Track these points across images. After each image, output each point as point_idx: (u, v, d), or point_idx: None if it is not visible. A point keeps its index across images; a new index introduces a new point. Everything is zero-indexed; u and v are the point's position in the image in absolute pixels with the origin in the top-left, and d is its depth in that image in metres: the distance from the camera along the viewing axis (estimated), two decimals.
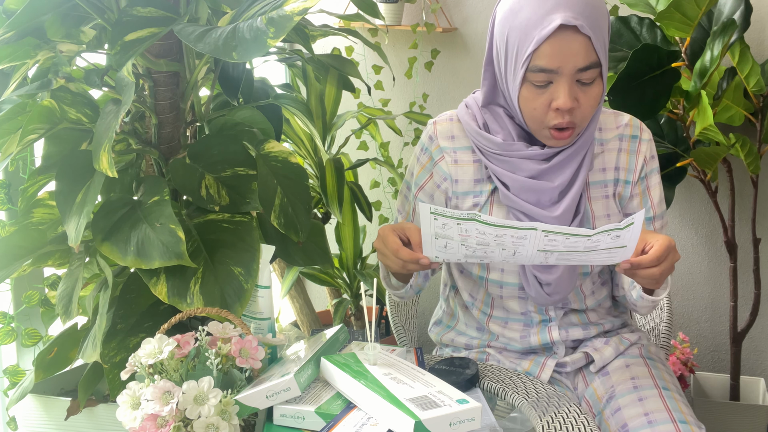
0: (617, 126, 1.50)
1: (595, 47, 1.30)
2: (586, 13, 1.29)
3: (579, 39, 1.29)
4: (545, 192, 1.41)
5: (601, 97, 1.36)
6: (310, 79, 2.09)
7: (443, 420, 1.02)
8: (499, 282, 1.47)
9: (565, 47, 1.30)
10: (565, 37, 1.29)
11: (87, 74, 1.41)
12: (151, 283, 1.31)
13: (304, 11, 1.19)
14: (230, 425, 1.05)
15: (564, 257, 1.24)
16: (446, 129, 1.49)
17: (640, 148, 1.49)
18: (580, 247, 1.20)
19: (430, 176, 1.50)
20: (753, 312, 2.34)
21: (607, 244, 1.20)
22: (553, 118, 1.35)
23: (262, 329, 1.31)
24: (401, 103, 2.75)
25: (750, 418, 2.31)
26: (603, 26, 1.33)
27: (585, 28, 1.29)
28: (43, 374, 1.44)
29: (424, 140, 1.52)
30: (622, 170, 1.49)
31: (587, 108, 1.35)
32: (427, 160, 1.50)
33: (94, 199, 1.28)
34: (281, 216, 1.42)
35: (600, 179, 1.48)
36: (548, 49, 1.30)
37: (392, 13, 2.59)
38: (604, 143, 1.49)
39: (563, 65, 1.30)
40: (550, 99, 1.33)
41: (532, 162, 1.41)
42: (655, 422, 1.34)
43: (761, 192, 2.42)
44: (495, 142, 1.42)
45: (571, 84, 1.32)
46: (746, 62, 2.18)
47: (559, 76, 1.32)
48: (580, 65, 1.31)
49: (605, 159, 1.48)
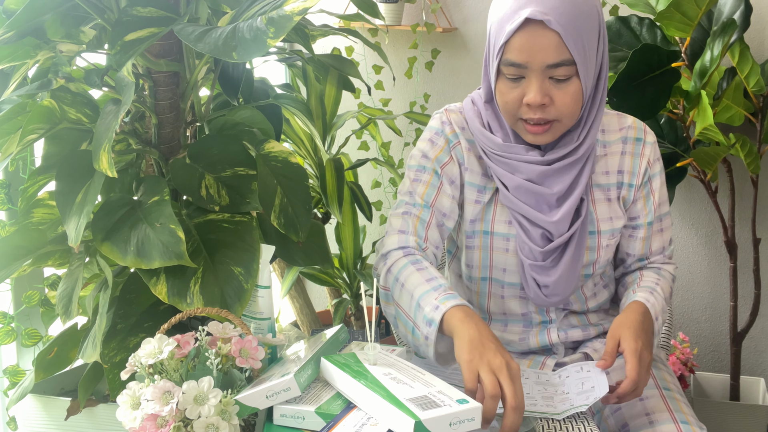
0: (620, 128, 1.49)
1: (567, 44, 1.28)
2: (560, 9, 1.27)
3: (547, 34, 1.28)
4: (543, 196, 1.40)
5: (578, 95, 1.33)
6: (310, 79, 2.09)
7: (443, 420, 1.02)
8: (501, 281, 1.47)
9: (532, 42, 1.29)
10: (533, 31, 1.28)
11: (87, 74, 1.41)
12: (151, 283, 1.31)
13: (304, 11, 1.19)
14: (230, 425, 1.05)
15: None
16: (458, 119, 1.48)
17: (644, 152, 1.48)
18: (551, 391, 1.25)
19: (450, 158, 1.46)
20: (753, 312, 2.34)
21: (578, 388, 1.25)
22: (525, 113, 1.34)
23: (262, 329, 1.31)
24: (401, 103, 2.74)
25: (750, 418, 2.31)
26: (581, 23, 1.30)
27: (553, 23, 1.27)
28: (43, 374, 1.44)
29: (435, 125, 1.48)
30: (626, 173, 1.48)
31: (562, 105, 1.32)
32: (444, 143, 1.46)
33: (94, 199, 1.28)
34: (281, 216, 1.42)
35: (603, 182, 1.47)
36: (517, 42, 1.30)
37: (392, 13, 2.59)
38: (607, 145, 1.48)
39: (531, 60, 1.30)
40: (523, 93, 1.33)
41: (532, 165, 1.40)
42: (657, 422, 1.34)
43: (761, 192, 2.42)
44: (495, 143, 1.42)
45: (541, 80, 1.31)
46: (746, 62, 2.18)
47: (529, 71, 1.31)
48: (549, 61, 1.29)
49: (608, 162, 1.47)
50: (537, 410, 1.18)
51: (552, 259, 1.42)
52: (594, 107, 1.39)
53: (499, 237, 1.46)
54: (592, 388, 1.24)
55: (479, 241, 1.46)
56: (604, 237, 1.46)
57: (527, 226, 1.42)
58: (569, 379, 1.31)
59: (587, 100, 1.37)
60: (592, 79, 1.36)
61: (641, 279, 1.48)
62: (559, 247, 1.42)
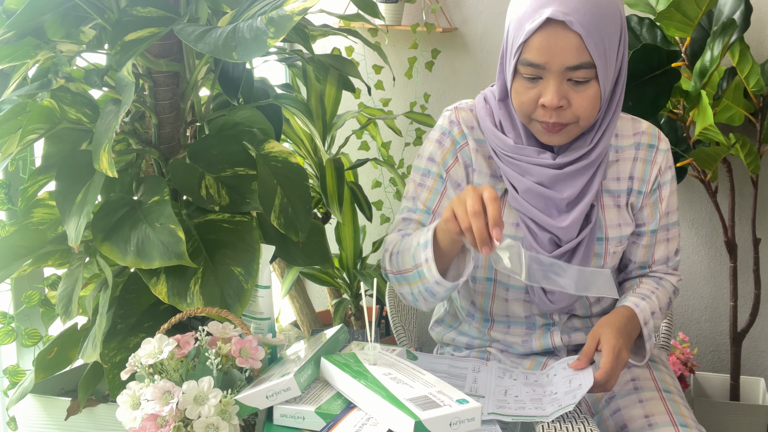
0: (634, 133, 1.46)
1: (587, 46, 1.26)
2: (582, 10, 1.25)
3: (568, 36, 1.26)
4: (553, 201, 1.39)
5: (597, 99, 1.31)
6: (310, 79, 2.09)
7: (443, 420, 1.02)
8: (505, 284, 1.46)
9: (552, 42, 1.26)
10: (553, 32, 1.26)
11: (87, 74, 1.41)
12: (151, 283, 1.31)
13: (304, 11, 1.19)
14: (230, 425, 1.05)
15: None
16: (467, 118, 1.46)
17: (656, 159, 1.45)
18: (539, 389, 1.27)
19: (456, 160, 1.44)
20: (753, 312, 2.34)
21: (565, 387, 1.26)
22: (540, 115, 1.32)
23: (262, 329, 1.31)
24: (402, 103, 2.75)
25: (750, 418, 2.31)
26: (603, 25, 1.27)
27: (575, 24, 1.24)
28: (43, 374, 1.44)
29: (443, 125, 1.46)
30: (636, 180, 1.45)
31: (579, 109, 1.30)
32: (451, 144, 1.45)
33: (94, 199, 1.28)
34: (281, 216, 1.42)
35: (614, 188, 1.45)
36: (536, 42, 1.27)
37: (392, 13, 2.59)
38: (619, 150, 1.45)
39: (550, 61, 1.27)
40: (539, 94, 1.31)
41: (543, 168, 1.38)
42: (656, 425, 1.33)
43: (761, 192, 2.42)
44: (506, 144, 1.40)
45: (559, 81, 1.29)
46: (746, 62, 2.18)
47: (548, 72, 1.29)
48: (569, 63, 1.27)
49: (620, 168, 1.45)
50: (526, 413, 1.18)
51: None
52: (610, 111, 1.37)
53: (506, 239, 1.45)
54: (579, 386, 1.24)
55: None
56: (611, 244, 1.45)
57: (535, 230, 1.41)
58: (556, 378, 1.31)
59: (604, 104, 1.35)
60: (611, 82, 1.33)
61: (638, 286, 1.47)
62: (566, 253, 1.41)
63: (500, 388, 1.28)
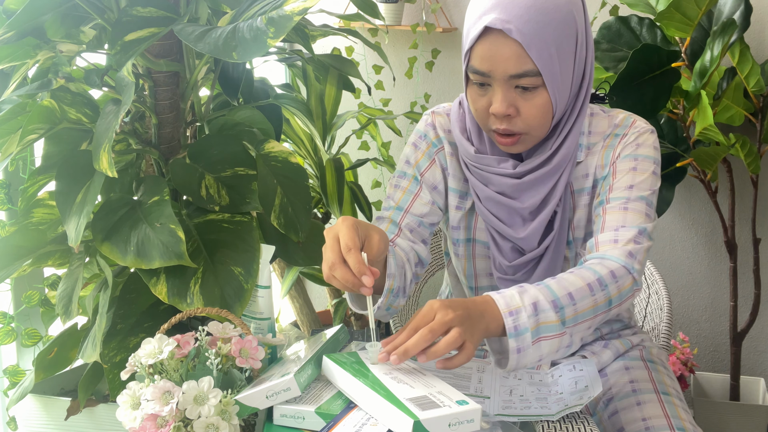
0: (609, 126, 1.40)
1: (530, 54, 1.22)
2: (525, 16, 1.21)
3: (508, 44, 1.22)
4: (515, 210, 1.37)
5: (546, 107, 1.26)
6: (310, 79, 2.09)
7: (442, 420, 1.01)
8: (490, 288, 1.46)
9: (494, 51, 1.23)
10: (494, 40, 1.23)
11: (87, 74, 1.41)
12: (151, 283, 1.31)
13: (304, 11, 1.19)
14: (230, 425, 1.05)
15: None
16: (444, 122, 1.45)
17: (620, 141, 1.37)
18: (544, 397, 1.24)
19: (432, 162, 1.43)
20: (753, 312, 2.34)
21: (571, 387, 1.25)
22: (492, 122, 1.30)
23: (262, 329, 1.31)
24: (402, 103, 2.75)
25: (750, 418, 2.31)
26: (549, 32, 1.22)
27: (514, 32, 1.21)
28: (43, 374, 1.44)
29: (421, 128, 1.46)
30: (598, 167, 1.38)
31: (528, 117, 1.27)
32: (427, 147, 1.44)
33: (94, 199, 1.28)
34: (281, 216, 1.42)
35: (583, 187, 1.40)
36: (479, 50, 1.25)
37: (392, 13, 2.59)
38: (591, 147, 1.40)
39: (493, 69, 1.25)
40: (490, 102, 1.29)
41: (503, 178, 1.36)
42: (653, 428, 1.32)
43: (761, 192, 2.42)
44: (468, 152, 1.38)
45: (505, 89, 1.26)
46: (746, 62, 2.18)
47: (493, 80, 1.26)
48: (511, 72, 1.23)
49: (588, 163, 1.39)
50: (531, 413, 1.17)
51: (524, 272, 1.39)
52: (573, 116, 1.34)
53: (480, 244, 1.44)
54: (586, 388, 1.24)
55: (463, 249, 1.45)
56: (581, 244, 1.42)
57: (498, 239, 1.40)
58: (562, 379, 1.31)
59: (567, 109, 1.32)
60: (568, 88, 1.30)
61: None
62: (531, 261, 1.39)
63: (505, 388, 1.27)
